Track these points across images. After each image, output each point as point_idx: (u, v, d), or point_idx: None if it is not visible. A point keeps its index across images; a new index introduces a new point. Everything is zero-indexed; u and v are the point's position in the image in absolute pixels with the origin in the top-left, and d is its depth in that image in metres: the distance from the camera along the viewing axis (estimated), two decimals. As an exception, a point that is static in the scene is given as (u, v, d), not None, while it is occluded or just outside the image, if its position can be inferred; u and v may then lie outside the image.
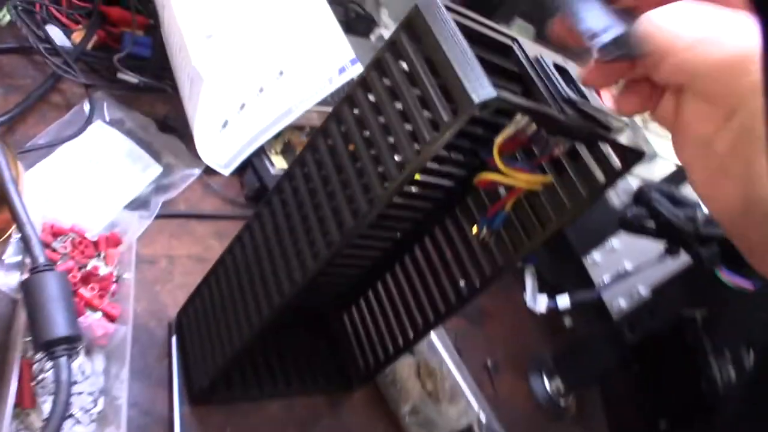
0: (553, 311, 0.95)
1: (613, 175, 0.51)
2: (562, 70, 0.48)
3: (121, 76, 0.81)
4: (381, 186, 0.44)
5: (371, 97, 0.45)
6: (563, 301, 0.87)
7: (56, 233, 0.62)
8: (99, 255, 0.63)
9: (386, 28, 1.23)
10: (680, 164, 0.40)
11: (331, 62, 0.80)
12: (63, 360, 0.49)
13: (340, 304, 0.75)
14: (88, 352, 0.58)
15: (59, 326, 0.49)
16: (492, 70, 0.40)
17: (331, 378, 0.72)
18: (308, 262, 0.49)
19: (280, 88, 0.80)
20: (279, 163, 0.83)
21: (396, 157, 0.43)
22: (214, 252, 0.74)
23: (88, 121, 0.73)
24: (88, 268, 0.61)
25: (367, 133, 0.46)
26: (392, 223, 0.63)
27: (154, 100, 0.83)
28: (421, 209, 0.64)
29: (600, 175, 0.52)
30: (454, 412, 0.74)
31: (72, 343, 0.50)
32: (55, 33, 0.80)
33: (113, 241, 0.64)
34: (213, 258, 0.67)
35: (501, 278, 0.59)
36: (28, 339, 0.52)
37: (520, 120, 0.47)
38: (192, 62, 0.73)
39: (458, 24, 0.41)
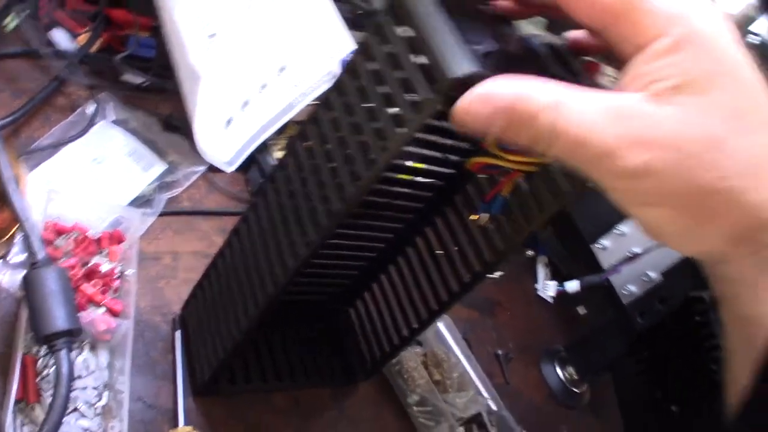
0: (565, 298, 0.95)
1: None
2: (555, 51, 0.48)
3: (125, 77, 0.82)
4: (366, 171, 0.44)
5: (357, 83, 0.45)
6: (572, 285, 0.86)
7: (59, 231, 0.63)
8: (102, 252, 0.64)
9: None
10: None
11: (333, 55, 0.80)
12: (63, 353, 0.50)
13: (346, 298, 0.75)
14: (93, 348, 0.59)
15: (59, 320, 0.50)
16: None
17: (336, 372, 0.72)
18: (300, 249, 0.49)
19: (282, 84, 0.80)
20: (283, 159, 0.83)
21: (381, 144, 0.43)
22: (218, 248, 0.74)
23: (92, 121, 0.74)
24: (91, 264, 0.61)
25: (354, 119, 0.46)
26: (386, 212, 0.63)
27: (158, 100, 0.84)
28: (422, 198, 0.64)
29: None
30: (462, 401, 0.74)
31: (71, 336, 0.51)
32: (60, 37, 0.81)
33: (116, 238, 0.65)
34: (216, 254, 0.67)
35: (503, 264, 0.59)
36: (31, 335, 0.53)
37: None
38: (189, 59, 0.73)
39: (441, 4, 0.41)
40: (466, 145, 0.58)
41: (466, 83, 0.36)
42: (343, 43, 0.79)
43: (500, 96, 0.33)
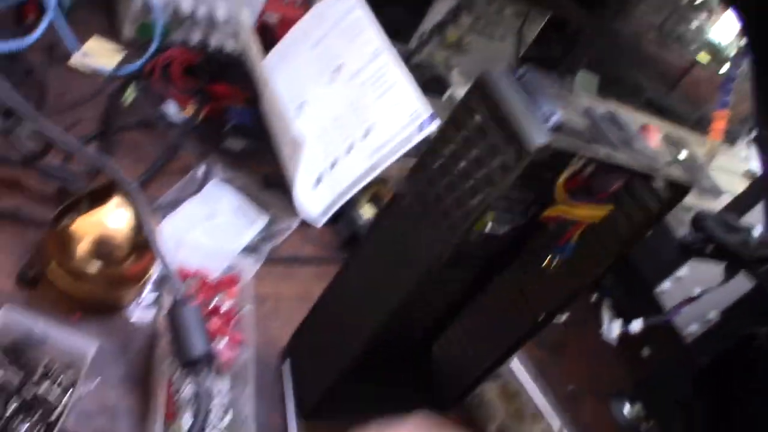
0: (628, 341, 1.01)
1: (664, 206, 0.59)
2: (611, 118, 0.56)
3: (226, 143, 0.93)
4: (463, 224, 0.52)
5: (449, 148, 0.54)
6: (635, 326, 0.92)
7: (185, 276, 0.73)
8: (219, 294, 0.74)
9: (457, 87, 1.34)
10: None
11: (412, 120, 0.89)
12: (203, 374, 0.59)
13: (432, 334, 0.83)
14: (217, 374, 0.68)
15: (199, 347, 0.59)
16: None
17: (426, 401, 0.79)
18: (396, 295, 0.58)
19: (367, 146, 0.90)
20: (367, 213, 0.93)
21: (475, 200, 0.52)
22: (313, 292, 0.83)
23: (204, 181, 0.85)
24: (213, 304, 0.71)
25: (447, 180, 0.55)
26: (475, 254, 0.71)
27: (257, 162, 0.95)
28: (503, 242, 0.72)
29: (654, 206, 0.60)
30: (538, 430, 0.80)
31: (209, 361, 0.60)
32: (171, 109, 0.93)
33: (232, 281, 0.74)
34: (313, 298, 0.76)
35: (574, 303, 0.67)
36: (168, 362, 0.63)
37: (578, 162, 0.56)
38: (292, 129, 0.84)
39: (518, 83, 0.50)
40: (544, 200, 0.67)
41: (542, 152, 0.46)
42: (420, 108, 0.89)
43: None
